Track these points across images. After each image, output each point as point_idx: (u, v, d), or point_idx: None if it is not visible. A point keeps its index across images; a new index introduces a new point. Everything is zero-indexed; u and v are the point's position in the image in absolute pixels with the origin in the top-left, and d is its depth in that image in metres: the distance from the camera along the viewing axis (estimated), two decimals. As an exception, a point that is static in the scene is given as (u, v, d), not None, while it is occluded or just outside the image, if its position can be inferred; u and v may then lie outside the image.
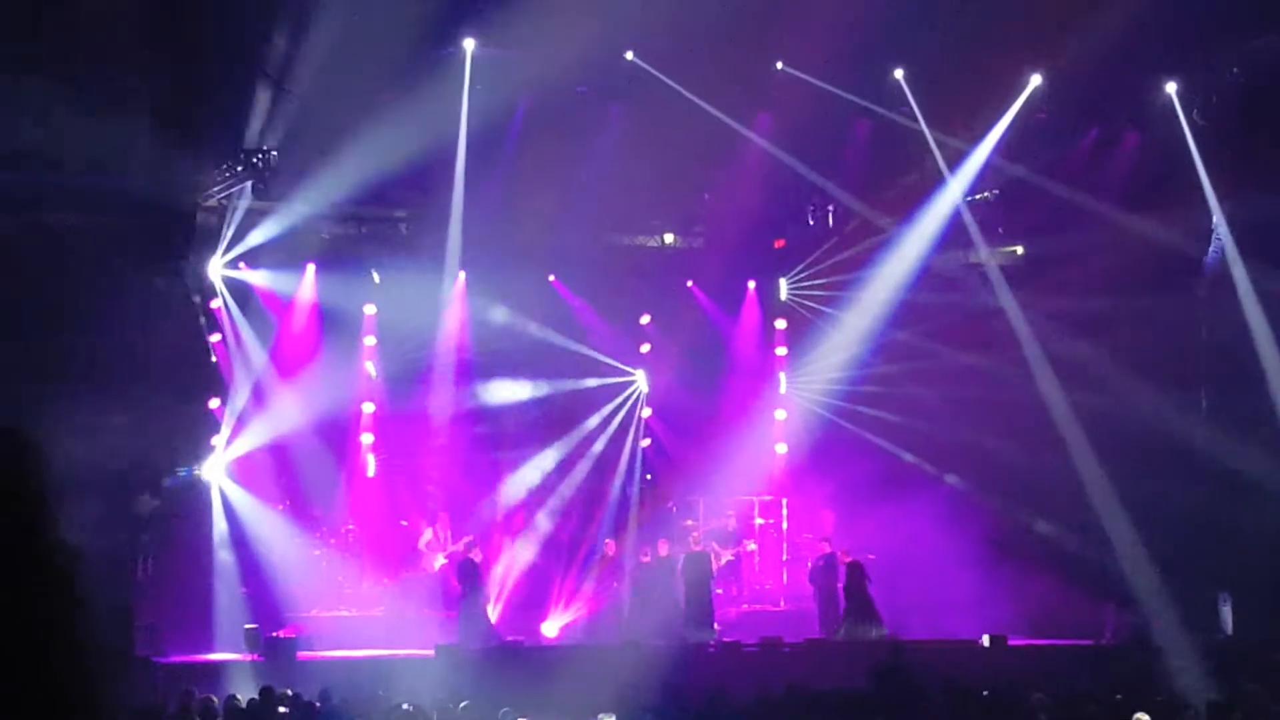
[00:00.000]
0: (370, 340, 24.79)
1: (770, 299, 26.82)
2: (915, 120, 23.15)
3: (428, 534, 23.83)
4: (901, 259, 24.72)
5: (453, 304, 24.84)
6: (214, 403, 23.12)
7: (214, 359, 23.11)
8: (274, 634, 20.72)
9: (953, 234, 24.56)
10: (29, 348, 19.59)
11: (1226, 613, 22.66)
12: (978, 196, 24.57)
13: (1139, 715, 13.70)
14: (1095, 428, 23.52)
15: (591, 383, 26.05)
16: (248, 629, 20.84)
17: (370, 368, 24.77)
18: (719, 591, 23.76)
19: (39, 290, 19.81)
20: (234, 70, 19.50)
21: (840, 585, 23.26)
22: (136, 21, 18.67)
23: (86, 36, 18.70)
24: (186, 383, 22.42)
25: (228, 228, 22.85)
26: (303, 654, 20.14)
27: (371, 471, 24.71)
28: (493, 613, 22.86)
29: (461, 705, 14.86)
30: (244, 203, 22.70)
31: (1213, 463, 22.80)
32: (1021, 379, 23.70)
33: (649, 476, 26.06)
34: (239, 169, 21.09)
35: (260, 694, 15.86)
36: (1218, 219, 22.92)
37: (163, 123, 18.63)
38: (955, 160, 23.87)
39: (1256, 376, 22.54)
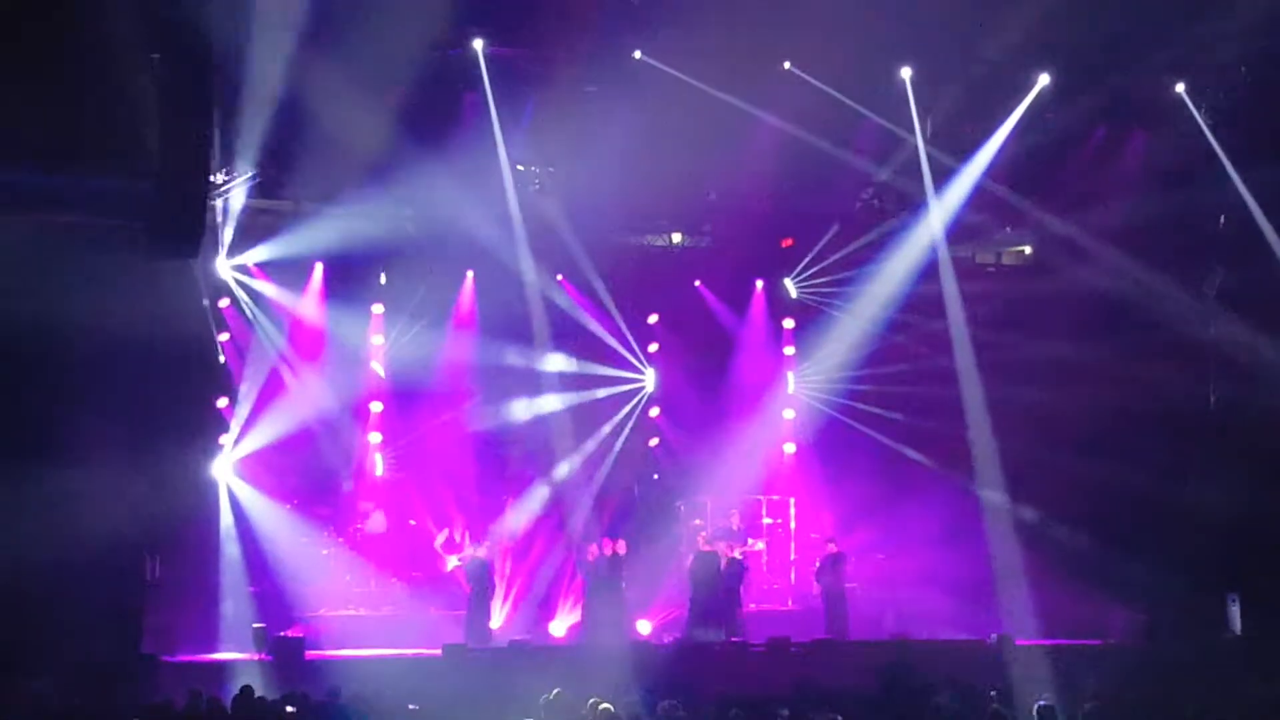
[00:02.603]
0: (378, 339, 24.82)
1: (778, 298, 26.77)
2: (914, 126, 23.17)
3: (443, 534, 23.85)
4: (907, 256, 24.73)
5: (461, 303, 24.98)
6: (222, 402, 23.16)
7: (222, 358, 23.16)
8: (282, 633, 20.74)
9: (960, 230, 24.60)
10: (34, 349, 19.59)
11: (1235, 613, 22.64)
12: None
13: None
14: (1104, 426, 23.56)
15: (603, 391, 26.03)
16: (255, 628, 20.84)
17: (378, 368, 24.79)
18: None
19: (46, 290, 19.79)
20: (239, 69, 19.45)
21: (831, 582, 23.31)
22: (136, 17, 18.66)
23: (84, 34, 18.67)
24: (195, 382, 22.54)
25: (236, 227, 22.90)
26: (310, 653, 20.14)
27: (380, 471, 24.73)
28: (501, 613, 22.88)
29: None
30: (251, 202, 22.75)
31: (1221, 461, 22.84)
32: (1027, 376, 23.75)
33: (655, 476, 26.01)
34: (245, 168, 21.10)
35: (270, 694, 15.87)
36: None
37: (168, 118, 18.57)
38: (963, 157, 23.90)
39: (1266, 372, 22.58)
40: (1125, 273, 23.30)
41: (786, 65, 22.34)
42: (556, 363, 25.62)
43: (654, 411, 26.28)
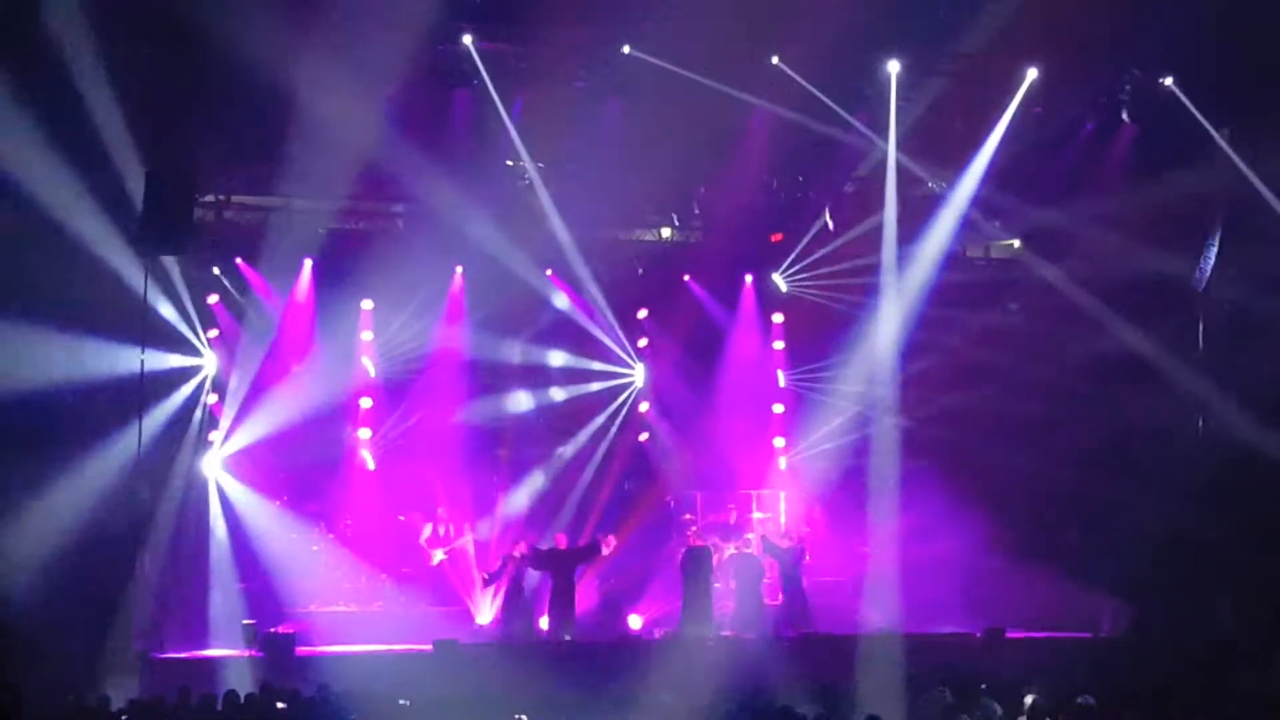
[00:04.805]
0: (368, 335, 24.79)
1: (767, 293, 26.73)
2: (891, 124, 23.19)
3: (428, 529, 23.83)
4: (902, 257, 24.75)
5: (451, 299, 24.97)
6: (211, 398, 23.14)
7: (211, 353, 23.16)
8: (272, 629, 20.73)
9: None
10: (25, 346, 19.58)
11: (1226, 606, 22.65)
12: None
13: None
14: (1089, 423, 23.62)
15: (593, 386, 26.02)
16: (245, 624, 20.84)
17: (368, 364, 24.76)
18: (717, 585, 23.69)
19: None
20: (230, 67, 19.42)
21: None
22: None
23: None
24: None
25: (224, 223, 22.88)
26: (301, 649, 20.14)
27: (370, 466, 24.71)
28: (490, 609, 22.88)
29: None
30: (241, 198, 22.70)
31: (1212, 451, 22.86)
32: (1018, 373, 23.82)
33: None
34: (235, 164, 21.09)
35: (260, 690, 15.86)
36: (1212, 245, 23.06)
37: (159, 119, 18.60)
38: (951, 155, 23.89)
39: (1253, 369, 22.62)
40: (1116, 267, 23.29)
41: (774, 60, 22.34)
42: (546, 358, 25.64)
43: (644, 406, 26.27)
